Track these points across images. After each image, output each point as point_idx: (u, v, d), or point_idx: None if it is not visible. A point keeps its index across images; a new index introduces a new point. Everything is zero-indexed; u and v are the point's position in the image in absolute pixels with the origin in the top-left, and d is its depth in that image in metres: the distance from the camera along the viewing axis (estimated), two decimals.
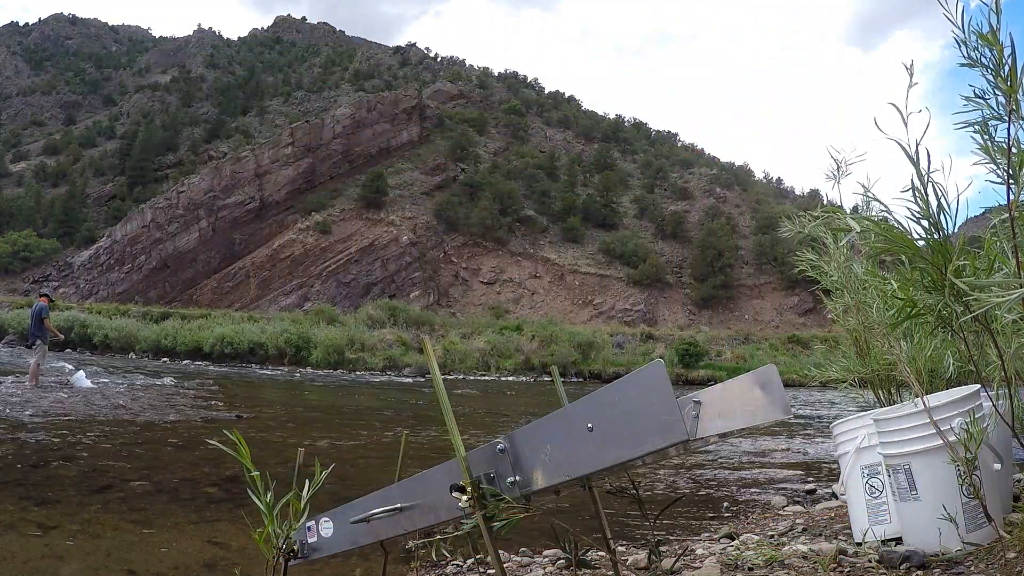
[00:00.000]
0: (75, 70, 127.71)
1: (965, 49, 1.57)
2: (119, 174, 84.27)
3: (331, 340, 27.06)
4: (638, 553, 2.57)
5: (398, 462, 2.11)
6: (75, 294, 59.72)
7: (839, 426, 2.61)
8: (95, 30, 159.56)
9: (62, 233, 71.92)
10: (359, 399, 13.07)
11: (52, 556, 2.73)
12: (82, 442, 5.83)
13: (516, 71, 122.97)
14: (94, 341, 29.99)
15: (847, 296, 2.99)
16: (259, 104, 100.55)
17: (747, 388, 1.81)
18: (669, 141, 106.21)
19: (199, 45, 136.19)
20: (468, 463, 1.65)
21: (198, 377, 16.70)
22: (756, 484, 4.85)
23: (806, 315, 60.27)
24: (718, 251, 65.36)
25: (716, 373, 26.10)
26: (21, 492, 3.95)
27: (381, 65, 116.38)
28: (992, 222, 1.76)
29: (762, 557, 2.27)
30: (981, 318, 1.80)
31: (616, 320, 57.47)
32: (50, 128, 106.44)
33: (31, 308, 13.01)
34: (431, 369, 1.84)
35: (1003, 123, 1.56)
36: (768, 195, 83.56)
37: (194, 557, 2.84)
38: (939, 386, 2.61)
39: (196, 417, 8.30)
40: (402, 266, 62.88)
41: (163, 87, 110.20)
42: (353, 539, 2.04)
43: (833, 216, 2.17)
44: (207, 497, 4.08)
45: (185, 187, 69.16)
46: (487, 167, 77.58)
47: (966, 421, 1.87)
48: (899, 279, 2.02)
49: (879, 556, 2.07)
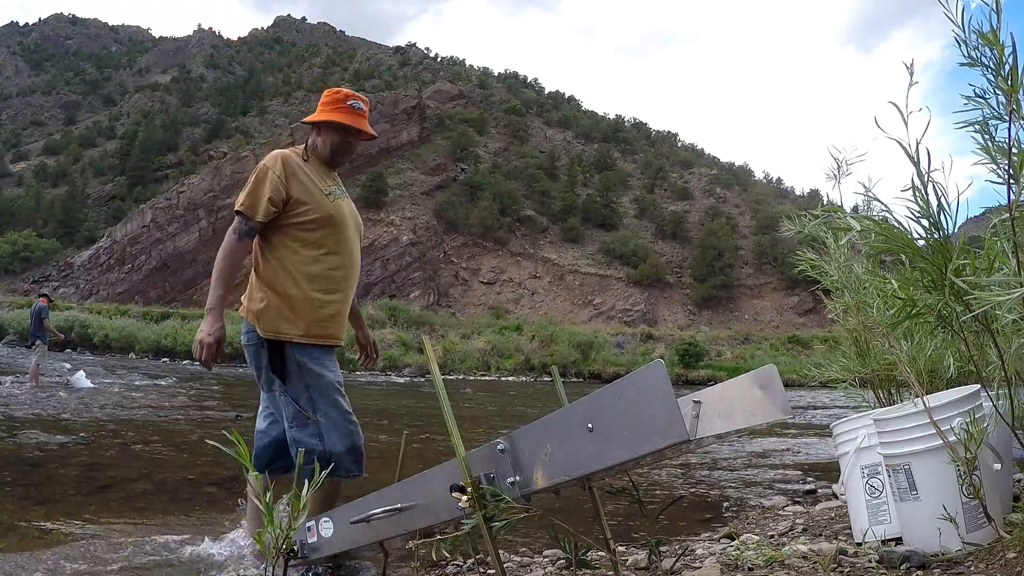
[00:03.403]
0: (75, 70, 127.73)
1: (965, 48, 1.57)
2: (119, 174, 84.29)
3: None
4: (638, 553, 2.57)
5: (398, 462, 2.11)
6: (75, 294, 59.71)
7: (839, 426, 2.61)
8: (95, 30, 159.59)
9: (62, 233, 71.94)
10: (359, 399, 13.07)
11: (52, 557, 2.73)
12: (82, 442, 5.84)
13: (516, 71, 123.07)
14: (94, 341, 30.00)
15: (847, 296, 2.99)
16: (259, 104, 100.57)
17: (747, 388, 1.81)
18: (669, 141, 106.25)
19: (199, 45, 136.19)
20: (468, 463, 1.65)
21: (198, 377, 16.71)
22: (756, 484, 4.86)
23: (806, 315, 60.31)
24: (718, 251, 65.39)
25: (716, 373, 26.12)
26: (21, 492, 3.96)
27: (381, 65, 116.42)
28: (992, 222, 1.76)
29: (762, 557, 2.27)
30: (981, 318, 1.80)
31: (616, 320, 57.48)
32: (50, 128, 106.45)
33: (31, 308, 13.02)
34: (431, 369, 1.84)
35: (1003, 123, 1.56)
36: (768, 195, 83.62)
37: (194, 557, 2.84)
38: (939, 386, 2.61)
39: (196, 417, 8.30)
40: (402, 266, 62.89)
41: (163, 87, 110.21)
42: (353, 539, 2.04)
43: (833, 216, 2.17)
44: (207, 497, 4.08)
45: (185, 187, 69.18)
46: (487, 167, 77.56)
47: (966, 421, 1.86)
48: (899, 279, 2.02)
49: (879, 556, 2.07)
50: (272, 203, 2.48)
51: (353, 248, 2.67)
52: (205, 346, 2.43)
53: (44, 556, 2.72)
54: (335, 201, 2.61)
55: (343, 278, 2.61)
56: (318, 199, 2.55)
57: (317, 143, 2.67)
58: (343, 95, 2.65)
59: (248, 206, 2.49)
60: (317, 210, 2.54)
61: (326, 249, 2.56)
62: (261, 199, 2.48)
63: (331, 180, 2.68)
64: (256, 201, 2.49)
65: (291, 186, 2.52)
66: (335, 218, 2.57)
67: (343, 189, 2.73)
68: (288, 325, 2.51)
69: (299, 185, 2.53)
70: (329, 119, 2.61)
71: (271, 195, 2.48)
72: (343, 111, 2.62)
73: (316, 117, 2.64)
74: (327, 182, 2.64)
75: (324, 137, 2.66)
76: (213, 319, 2.45)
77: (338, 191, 2.66)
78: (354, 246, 2.69)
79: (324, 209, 2.55)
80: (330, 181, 2.67)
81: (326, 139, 2.65)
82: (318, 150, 2.67)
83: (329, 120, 2.61)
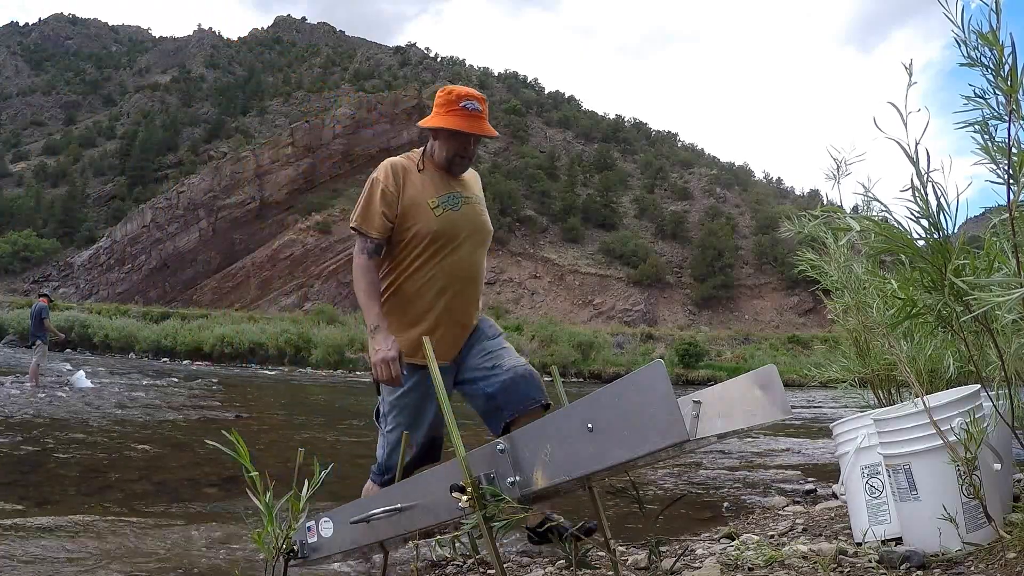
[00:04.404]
0: (75, 70, 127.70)
1: (965, 49, 1.57)
2: (119, 174, 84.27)
3: (331, 340, 27.07)
4: (638, 553, 2.57)
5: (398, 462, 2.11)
6: (75, 294, 59.72)
7: (839, 426, 2.61)
8: (95, 30, 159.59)
9: (62, 233, 71.93)
10: (359, 399, 13.07)
11: (52, 557, 2.73)
12: (82, 442, 5.83)
13: (516, 71, 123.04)
14: (94, 341, 30.00)
15: (847, 296, 2.98)
16: (259, 104, 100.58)
17: (747, 388, 1.81)
18: (669, 141, 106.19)
19: (199, 45, 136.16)
20: (468, 463, 1.65)
21: (198, 377, 16.70)
22: (756, 484, 4.86)
23: (806, 315, 60.28)
24: (718, 251, 65.37)
25: (716, 373, 26.10)
26: (21, 492, 3.96)
27: (381, 65, 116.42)
28: (992, 222, 1.76)
29: (762, 557, 2.27)
30: (981, 318, 1.80)
31: (616, 320, 57.47)
32: (50, 128, 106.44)
33: (31, 308, 13.02)
34: (431, 369, 1.84)
35: (1003, 123, 1.56)
36: (768, 195, 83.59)
37: (194, 557, 2.84)
38: (939, 386, 2.61)
39: (196, 417, 8.30)
40: None
41: (163, 87, 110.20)
42: (353, 539, 2.04)
43: (833, 216, 2.17)
44: (207, 497, 4.08)
45: (185, 187, 69.20)
46: (487, 167, 77.53)
47: (966, 421, 1.87)
48: (899, 279, 2.02)
49: (879, 556, 2.07)
50: (387, 218, 2.40)
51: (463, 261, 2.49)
52: (390, 361, 2.29)
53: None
54: (445, 213, 2.43)
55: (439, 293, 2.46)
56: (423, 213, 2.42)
57: (435, 149, 2.49)
58: (455, 96, 2.42)
59: (362, 223, 2.41)
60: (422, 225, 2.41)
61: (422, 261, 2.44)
62: (375, 215, 2.39)
63: (452, 186, 2.50)
64: (370, 217, 2.40)
65: (401, 199, 2.41)
66: (439, 233, 2.42)
67: (465, 193, 2.52)
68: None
69: (408, 198, 2.42)
70: (443, 125, 2.40)
71: (383, 210, 2.39)
72: (457, 115, 2.40)
73: (431, 122, 2.44)
74: (442, 190, 2.47)
75: (441, 143, 2.47)
76: (384, 335, 2.33)
77: (452, 199, 2.47)
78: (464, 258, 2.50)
79: (428, 224, 2.41)
80: (450, 187, 2.49)
81: (443, 146, 2.46)
82: (435, 157, 2.50)
83: (442, 127, 2.42)
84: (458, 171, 2.51)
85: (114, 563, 2.70)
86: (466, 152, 2.47)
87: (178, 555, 2.85)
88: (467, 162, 2.51)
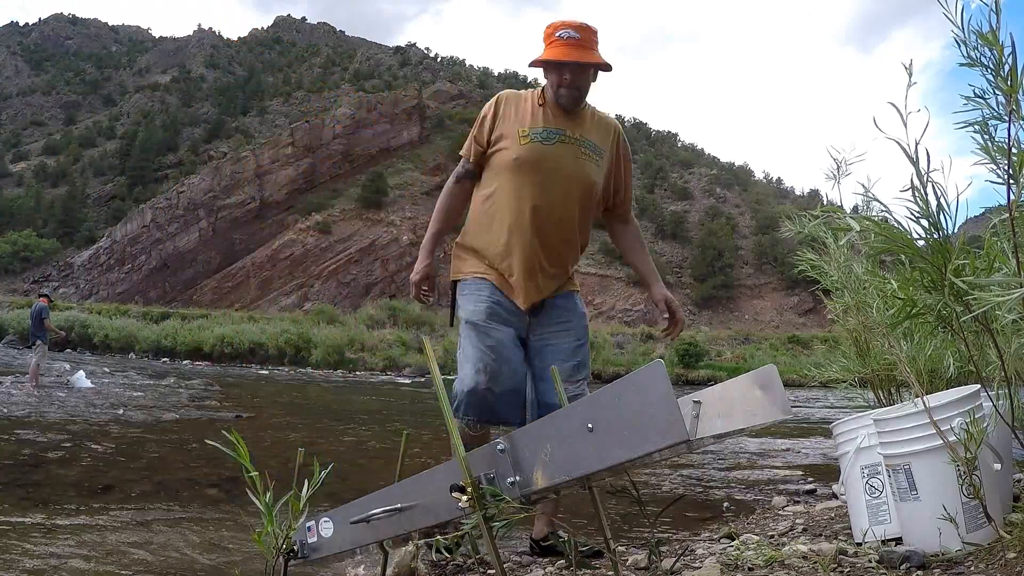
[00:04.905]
0: (75, 70, 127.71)
1: (965, 49, 1.57)
2: (119, 174, 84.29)
3: (331, 340, 27.08)
4: (638, 553, 2.57)
5: (398, 462, 2.11)
6: (75, 294, 59.74)
7: (839, 426, 2.61)
8: (95, 30, 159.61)
9: (62, 233, 71.95)
10: (359, 399, 13.08)
11: (52, 557, 2.73)
12: (82, 442, 5.83)
13: (516, 71, 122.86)
14: (94, 341, 30.01)
15: (847, 296, 2.98)
16: (259, 104, 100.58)
17: (747, 388, 1.81)
18: (669, 141, 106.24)
19: (199, 45, 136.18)
20: (468, 463, 1.65)
21: (198, 377, 16.71)
22: (756, 484, 4.86)
23: (806, 315, 60.31)
24: (718, 251, 65.41)
25: (716, 373, 26.09)
26: (21, 493, 3.95)
27: (381, 65, 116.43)
28: (992, 222, 1.76)
29: (762, 557, 2.27)
30: (981, 318, 1.80)
31: (616, 320, 57.50)
32: (50, 128, 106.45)
33: (31, 308, 13.02)
34: (431, 369, 1.84)
35: (1003, 123, 1.56)
36: (768, 195, 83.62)
37: (194, 558, 2.84)
38: (939, 386, 2.61)
39: (196, 417, 8.30)
40: (402, 266, 62.86)
41: (163, 87, 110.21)
42: (353, 539, 2.04)
43: (833, 216, 2.17)
44: (207, 497, 4.08)
45: (185, 187, 69.22)
46: None
47: (966, 421, 1.86)
48: (899, 279, 2.02)
49: (879, 556, 2.07)
50: (477, 142, 2.50)
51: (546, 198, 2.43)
52: (412, 284, 2.56)
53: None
54: (532, 144, 2.41)
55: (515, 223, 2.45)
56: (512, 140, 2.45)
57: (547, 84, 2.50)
58: (552, 28, 2.41)
59: (464, 148, 2.54)
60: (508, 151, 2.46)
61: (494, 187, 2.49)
62: (468, 139, 2.53)
63: (560, 123, 2.45)
64: (466, 141, 2.54)
65: (497, 126, 2.47)
66: (520, 161, 2.42)
67: (573, 133, 2.46)
68: (459, 263, 2.59)
69: (505, 125, 2.47)
70: (538, 59, 2.42)
71: (475, 134, 2.51)
72: (553, 46, 2.37)
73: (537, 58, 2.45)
74: (544, 123, 2.45)
75: (547, 78, 2.46)
76: (421, 257, 2.54)
77: (549, 133, 2.43)
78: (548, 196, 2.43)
79: (511, 151, 2.44)
80: (557, 124, 2.45)
81: (548, 80, 2.46)
82: (546, 92, 2.49)
83: (539, 60, 2.42)
84: (567, 103, 2.44)
85: (114, 563, 2.70)
86: (563, 83, 2.41)
87: (178, 555, 2.85)
88: (573, 92, 2.43)
